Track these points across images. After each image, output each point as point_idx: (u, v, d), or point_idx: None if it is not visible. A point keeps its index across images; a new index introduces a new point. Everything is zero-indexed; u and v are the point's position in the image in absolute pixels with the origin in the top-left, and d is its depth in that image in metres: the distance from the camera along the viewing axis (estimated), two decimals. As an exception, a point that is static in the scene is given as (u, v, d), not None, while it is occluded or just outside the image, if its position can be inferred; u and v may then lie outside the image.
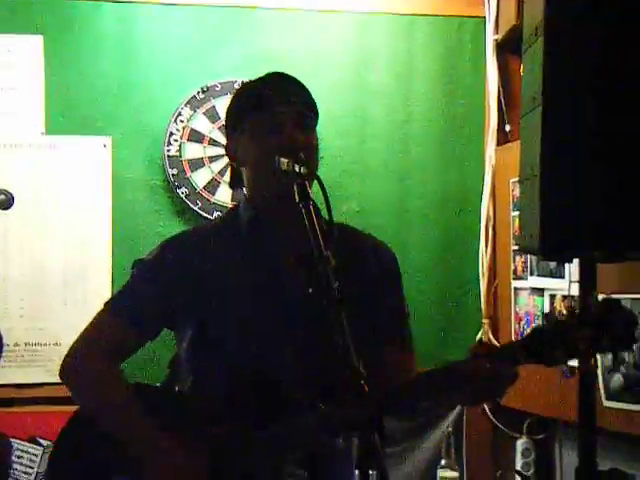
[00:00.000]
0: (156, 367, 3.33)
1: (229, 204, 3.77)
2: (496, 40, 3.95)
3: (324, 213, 1.99)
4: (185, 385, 2.27)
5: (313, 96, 2.26)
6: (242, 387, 2.11)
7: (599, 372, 3.03)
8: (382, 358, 2.24)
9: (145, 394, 2.23)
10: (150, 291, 2.24)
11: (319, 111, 2.28)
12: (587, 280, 2.56)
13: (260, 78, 2.28)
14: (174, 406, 2.22)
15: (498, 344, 3.86)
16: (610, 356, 3.03)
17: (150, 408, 2.16)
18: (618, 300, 2.05)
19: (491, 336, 3.92)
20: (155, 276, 2.26)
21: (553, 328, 2.01)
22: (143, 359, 3.21)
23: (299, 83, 2.26)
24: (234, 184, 2.34)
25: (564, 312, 3.26)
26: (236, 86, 3.78)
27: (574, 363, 2.47)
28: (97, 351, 2.23)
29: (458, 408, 3.87)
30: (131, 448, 2.12)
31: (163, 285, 2.23)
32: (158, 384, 2.41)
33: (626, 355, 2.98)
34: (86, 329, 2.28)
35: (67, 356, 2.27)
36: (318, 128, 2.27)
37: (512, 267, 3.78)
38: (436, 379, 2.05)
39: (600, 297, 2.13)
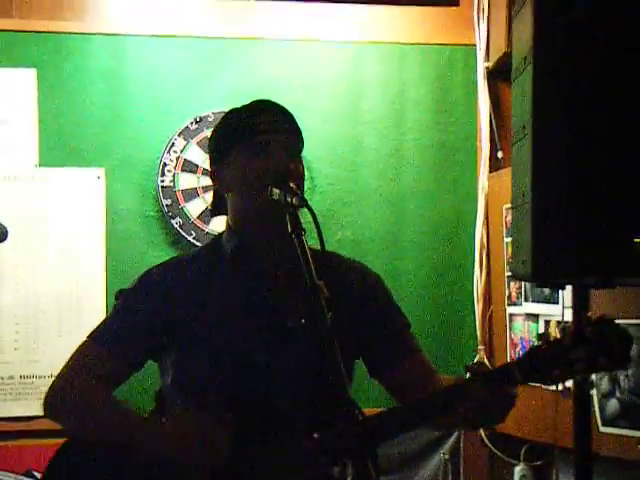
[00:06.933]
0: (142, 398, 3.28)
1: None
2: (487, 67, 3.97)
3: (316, 242, 1.99)
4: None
5: (305, 125, 2.28)
6: (235, 413, 2.08)
7: (595, 398, 3.03)
8: (400, 372, 2.27)
9: None
10: (133, 320, 2.22)
11: (312, 140, 2.32)
12: (580, 306, 2.56)
13: (246, 105, 2.29)
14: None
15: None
16: (606, 380, 3.03)
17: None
18: (612, 318, 2.04)
19: (487, 362, 3.91)
20: (138, 305, 2.24)
21: (549, 348, 2.01)
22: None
23: (285, 110, 2.27)
24: (215, 211, 2.34)
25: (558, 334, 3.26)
26: (227, 116, 3.80)
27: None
28: (83, 379, 2.20)
29: (455, 435, 3.87)
30: (149, 447, 2.09)
31: (146, 314, 2.21)
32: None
33: (622, 380, 2.98)
34: (69, 361, 2.25)
35: (51, 389, 2.23)
36: (310, 156, 2.29)
37: (507, 293, 3.78)
38: (432, 402, 2.06)
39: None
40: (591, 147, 2.23)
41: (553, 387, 2.78)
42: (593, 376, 2.91)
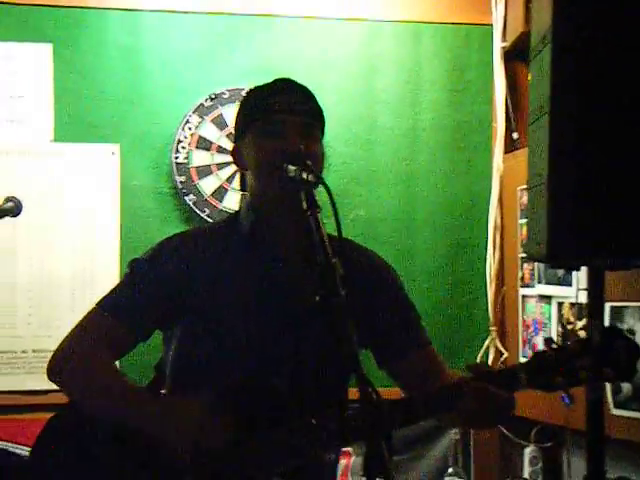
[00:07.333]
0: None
1: (237, 211, 3.78)
2: (503, 48, 3.96)
3: (330, 221, 1.97)
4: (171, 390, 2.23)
5: (321, 104, 2.26)
6: (239, 395, 2.07)
7: (607, 380, 3.02)
8: (408, 364, 2.26)
9: None
10: (144, 290, 2.20)
11: (327, 118, 2.28)
12: (595, 288, 2.55)
13: (267, 84, 2.27)
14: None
15: (506, 352, 3.87)
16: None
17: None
18: (621, 330, 2.04)
19: (498, 344, 3.92)
20: (150, 275, 2.21)
21: (555, 355, 2.00)
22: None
23: (306, 90, 2.25)
24: (243, 187, 2.34)
25: (568, 325, 3.26)
26: (243, 94, 3.78)
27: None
28: (89, 346, 2.17)
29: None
30: (150, 426, 2.07)
31: (158, 285, 2.19)
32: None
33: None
34: (75, 328, 2.22)
35: (56, 354, 2.20)
36: (326, 136, 2.27)
37: (520, 274, 3.78)
38: (433, 399, 2.05)
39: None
40: (609, 128, 2.22)
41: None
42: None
